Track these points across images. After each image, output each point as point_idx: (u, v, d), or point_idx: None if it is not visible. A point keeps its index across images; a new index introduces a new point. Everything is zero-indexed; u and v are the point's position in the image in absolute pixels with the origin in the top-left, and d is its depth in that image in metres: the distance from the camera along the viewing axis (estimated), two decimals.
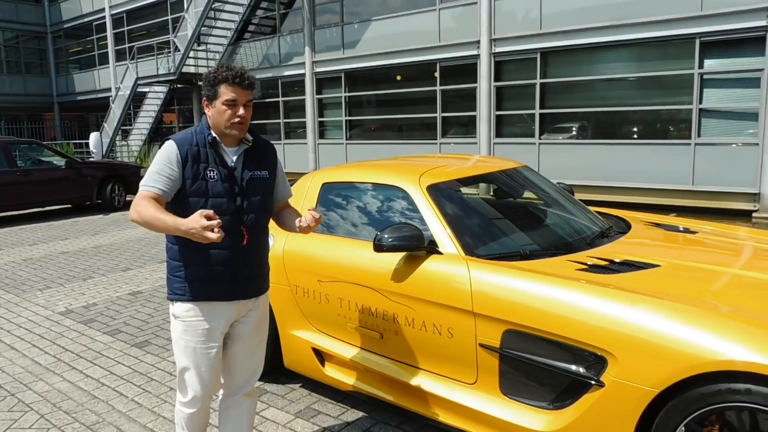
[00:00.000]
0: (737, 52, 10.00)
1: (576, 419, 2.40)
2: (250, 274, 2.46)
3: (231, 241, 2.36)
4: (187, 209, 2.29)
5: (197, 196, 2.33)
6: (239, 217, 2.39)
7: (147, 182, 2.33)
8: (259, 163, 2.49)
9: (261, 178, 2.48)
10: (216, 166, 2.37)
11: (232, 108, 2.33)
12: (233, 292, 2.41)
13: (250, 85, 2.36)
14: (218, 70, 2.34)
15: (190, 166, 2.33)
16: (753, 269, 2.84)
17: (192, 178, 2.33)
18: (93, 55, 25.63)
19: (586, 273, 2.70)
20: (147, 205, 2.24)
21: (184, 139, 2.37)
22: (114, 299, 5.78)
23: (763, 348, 2.02)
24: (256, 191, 2.45)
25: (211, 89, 2.35)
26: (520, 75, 12.45)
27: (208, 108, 2.39)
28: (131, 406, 3.53)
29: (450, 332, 2.78)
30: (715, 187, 10.20)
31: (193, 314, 2.38)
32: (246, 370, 2.57)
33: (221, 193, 2.36)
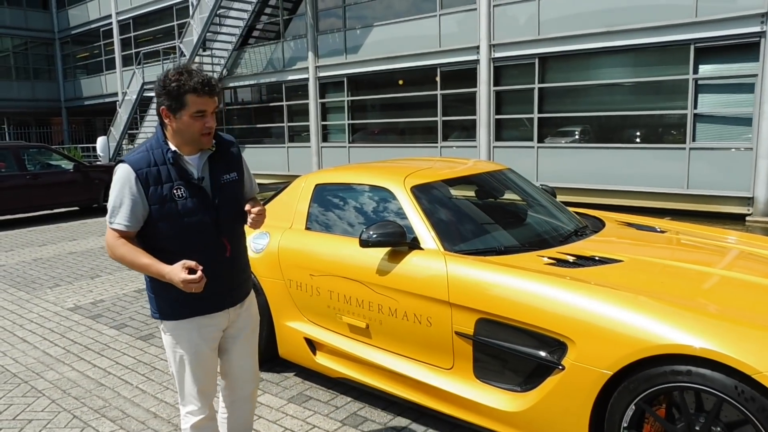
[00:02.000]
0: (731, 57, 10.19)
1: (540, 400, 2.62)
2: (236, 282, 2.39)
3: (214, 256, 2.25)
4: (160, 234, 2.18)
5: (168, 219, 2.17)
6: (218, 230, 2.26)
7: (111, 218, 2.18)
8: (227, 166, 2.34)
9: (232, 181, 2.34)
10: (181, 183, 2.19)
11: (201, 119, 2.15)
12: (221, 303, 2.34)
13: (218, 92, 2.19)
14: (180, 78, 2.09)
15: (154, 190, 2.15)
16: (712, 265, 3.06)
17: (159, 203, 2.15)
18: (100, 60, 26.03)
19: (553, 267, 2.92)
20: (121, 247, 2.14)
21: (140, 161, 2.16)
22: (120, 296, 6.03)
23: (701, 332, 2.24)
24: (230, 198, 2.32)
25: (175, 101, 2.12)
26: (518, 80, 12.68)
27: (170, 120, 2.16)
28: (136, 392, 3.76)
29: (429, 321, 3.01)
30: (710, 191, 10.37)
31: (183, 328, 2.29)
32: (247, 372, 2.53)
33: (194, 210, 2.20)
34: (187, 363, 2.33)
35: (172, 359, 2.36)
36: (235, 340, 2.47)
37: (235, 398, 2.56)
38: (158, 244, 2.20)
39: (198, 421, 2.39)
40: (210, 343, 2.37)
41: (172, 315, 2.29)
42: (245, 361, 2.52)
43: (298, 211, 3.91)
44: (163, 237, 2.19)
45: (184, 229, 2.19)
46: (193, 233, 2.21)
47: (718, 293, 2.67)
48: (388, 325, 3.20)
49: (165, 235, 2.19)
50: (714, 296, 2.62)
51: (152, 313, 2.35)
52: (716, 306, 2.47)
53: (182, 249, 2.18)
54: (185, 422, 2.41)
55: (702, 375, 2.20)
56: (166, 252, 2.18)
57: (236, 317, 2.44)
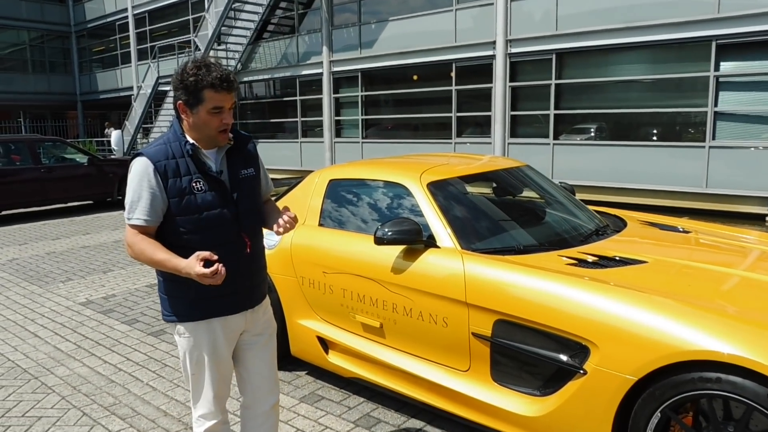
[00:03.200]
0: (754, 54, 9.97)
1: (560, 405, 2.53)
2: (253, 282, 2.30)
3: (233, 252, 2.18)
4: (179, 230, 2.12)
5: (188, 213, 2.11)
6: (238, 225, 2.20)
7: (131, 214, 2.11)
8: (245, 161, 2.29)
9: (249, 177, 2.29)
10: (201, 176, 2.14)
11: (218, 115, 2.10)
12: (239, 304, 2.25)
13: (236, 87, 2.13)
14: (198, 72, 2.05)
15: (173, 183, 2.10)
16: (740, 268, 2.95)
17: (178, 196, 2.10)
18: (116, 54, 26.13)
19: (575, 267, 2.83)
20: (140, 243, 2.08)
21: (158, 153, 2.11)
22: (132, 291, 6.00)
23: (732, 338, 2.14)
24: (248, 193, 2.27)
25: (192, 96, 2.07)
26: (535, 76, 12.52)
27: (187, 115, 2.12)
28: (146, 389, 3.72)
29: (445, 322, 2.93)
30: (729, 190, 10.18)
31: (199, 331, 2.21)
32: (268, 379, 2.40)
33: (214, 203, 2.15)
34: (202, 366, 2.25)
35: (187, 362, 2.27)
36: (252, 347, 2.37)
37: (257, 413, 2.41)
38: (177, 240, 2.13)
39: (212, 426, 2.32)
40: (227, 346, 2.28)
41: (188, 316, 2.20)
42: (264, 371, 2.39)
43: (312, 207, 3.84)
44: (182, 232, 2.12)
45: (204, 224, 2.13)
46: (212, 228, 2.15)
47: (748, 297, 2.56)
48: (403, 324, 3.12)
49: (184, 230, 2.12)
50: (744, 300, 2.51)
51: (165, 315, 2.26)
52: (747, 310, 2.37)
53: (202, 245, 2.11)
54: (198, 426, 2.33)
55: (732, 383, 2.11)
56: (186, 248, 2.10)
57: (253, 321, 2.35)
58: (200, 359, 2.24)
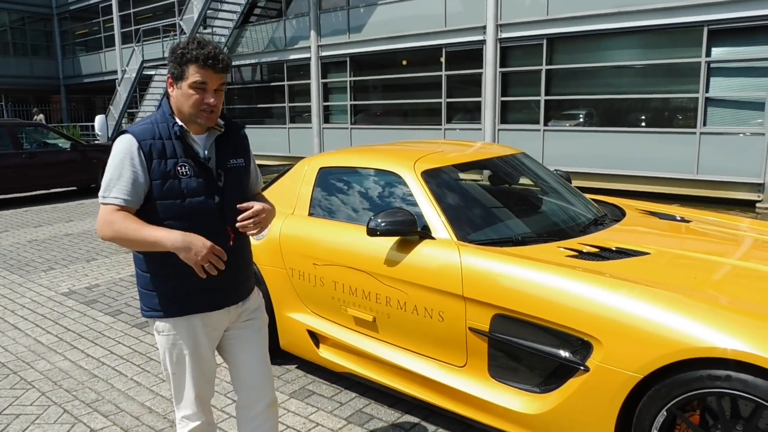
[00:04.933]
0: (745, 40, 9.91)
1: (561, 403, 2.44)
2: (239, 277, 2.19)
3: (216, 244, 2.01)
4: (159, 216, 2.00)
5: (170, 198, 2.00)
6: (222, 216, 2.08)
7: (107, 193, 1.98)
8: (234, 150, 2.18)
9: (238, 167, 2.18)
10: (186, 160, 2.04)
11: (200, 93, 1.99)
12: (223, 300, 2.15)
13: (225, 68, 2.01)
14: (188, 46, 1.98)
15: (157, 164, 1.99)
16: (743, 259, 2.86)
17: (161, 179, 1.99)
18: (99, 37, 25.62)
19: (576, 259, 2.73)
20: (120, 221, 1.94)
21: (144, 132, 2.02)
22: (116, 281, 5.85)
23: (743, 335, 2.05)
24: (235, 184, 2.15)
25: (179, 68, 1.99)
26: (526, 61, 12.39)
27: (172, 88, 2.04)
28: (130, 384, 3.59)
29: (441, 316, 2.82)
30: (720, 176, 10.16)
31: (179, 328, 2.10)
32: (262, 377, 2.28)
33: (198, 190, 2.04)
34: (182, 366, 2.13)
35: (168, 361, 2.15)
36: (240, 342, 2.25)
37: (253, 414, 2.28)
38: None
39: (196, 427, 2.21)
40: (209, 344, 2.17)
41: (168, 312, 2.08)
42: (255, 366, 2.27)
43: (301, 196, 3.71)
44: (161, 219, 2.00)
45: (186, 211, 2.02)
46: (194, 216, 2.03)
47: (757, 290, 2.47)
48: (397, 318, 3.01)
49: (164, 217, 2.00)
50: (753, 294, 2.42)
51: (144, 311, 2.13)
52: (756, 305, 2.28)
53: None
54: (182, 427, 2.22)
55: (743, 381, 2.02)
56: None
57: (237, 316, 2.24)
58: (180, 358, 2.13)
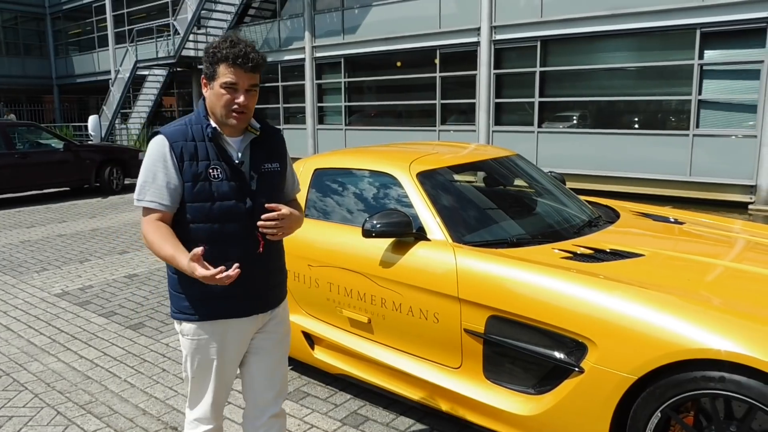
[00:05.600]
0: (738, 43, 9.98)
1: (556, 404, 2.45)
2: (268, 284, 2.14)
3: (245, 250, 2.02)
4: (189, 219, 1.99)
5: (201, 201, 1.97)
6: (252, 221, 2.02)
7: (142, 196, 1.98)
8: (269, 154, 2.13)
9: (272, 172, 2.12)
10: (219, 163, 2.00)
11: (231, 93, 1.96)
12: (251, 307, 2.09)
13: (255, 67, 1.96)
14: (219, 46, 1.95)
15: (189, 165, 1.96)
16: (736, 260, 2.88)
17: (192, 181, 1.97)
18: (92, 37, 25.52)
19: (570, 261, 2.73)
20: (151, 233, 1.95)
21: (176, 133, 2.00)
22: (110, 282, 5.83)
23: (737, 336, 2.06)
24: (268, 188, 2.09)
25: (210, 67, 1.97)
26: (520, 63, 12.43)
27: (206, 88, 2.02)
28: (124, 386, 3.58)
29: (436, 317, 2.82)
30: (712, 178, 10.22)
31: (204, 332, 2.06)
32: (271, 389, 2.23)
33: (228, 194, 2.00)
34: (203, 370, 2.10)
35: (189, 364, 2.11)
36: (259, 352, 2.19)
37: (256, 425, 2.23)
38: (184, 231, 1.99)
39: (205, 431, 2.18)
40: (235, 351, 2.13)
41: (195, 315, 2.05)
42: (269, 380, 2.22)
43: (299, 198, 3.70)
44: (189, 221, 1.98)
45: (215, 215, 1.99)
46: (223, 221, 2.00)
47: (751, 291, 2.49)
48: (392, 320, 3.02)
49: (192, 219, 1.98)
50: (746, 295, 2.44)
51: (172, 312, 2.12)
52: (750, 307, 2.29)
53: (212, 239, 1.99)
54: (191, 429, 2.18)
55: (737, 382, 2.03)
56: (192, 243, 1.96)
57: (263, 323, 2.18)
58: (202, 362, 2.09)
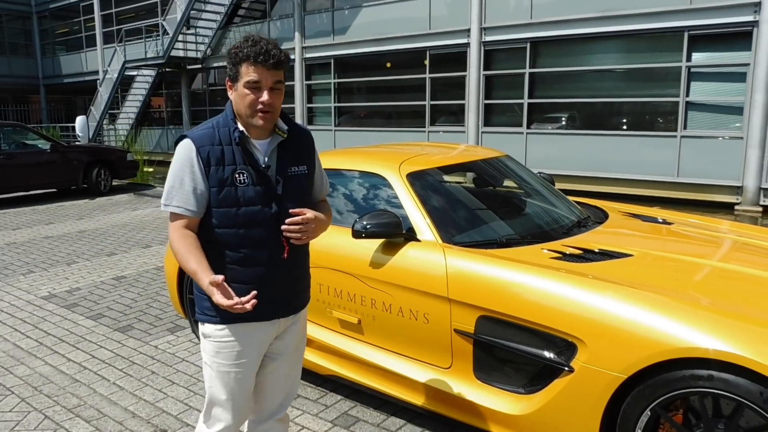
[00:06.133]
0: (725, 46, 10.08)
1: (546, 403, 2.46)
2: (294, 289, 2.12)
3: (269, 256, 2.01)
4: (212, 223, 1.97)
5: (226, 206, 1.95)
6: (277, 226, 1.99)
7: (169, 201, 1.97)
8: (297, 157, 2.09)
9: (299, 175, 2.08)
10: (245, 167, 1.97)
11: (255, 92, 1.92)
12: (273, 311, 2.07)
13: (278, 64, 1.93)
14: (241, 46, 1.95)
15: (215, 171, 1.94)
16: (724, 260, 2.91)
17: (218, 186, 1.94)
18: (80, 37, 25.33)
19: (560, 261, 2.75)
20: (177, 242, 1.95)
21: (203, 137, 1.97)
22: (98, 284, 5.78)
23: (725, 335, 2.08)
24: (295, 193, 2.05)
25: (233, 68, 1.95)
26: (509, 64, 12.48)
27: (231, 91, 1.99)
28: (113, 389, 3.55)
29: (426, 318, 2.82)
30: (700, 179, 10.31)
31: (227, 334, 2.03)
32: (280, 393, 2.24)
33: (254, 199, 1.97)
34: (225, 377, 2.06)
35: (209, 369, 2.09)
36: (275, 357, 2.17)
37: (263, 429, 2.25)
38: (209, 235, 1.99)
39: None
40: (255, 355, 2.09)
41: (218, 317, 2.02)
42: (280, 386, 2.22)
43: None
44: (214, 226, 1.97)
45: (241, 220, 1.97)
46: (249, 226, 1.98)
47: (738, 291, 2.51)
48: (382, 321, 3.01)
49: (217, 224, 1.97)
50: (734, 295, 2.46)
51: (197, 314, 2.11)
52: (737, 306, 2.31)
53: (237, 243, 1.98)
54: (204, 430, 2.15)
55: (725, 380, 2.05)
56: (215, 245, 1.98)
57: (285, 328, 2.16)
58: (223, 367, 2.06)
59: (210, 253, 1.96)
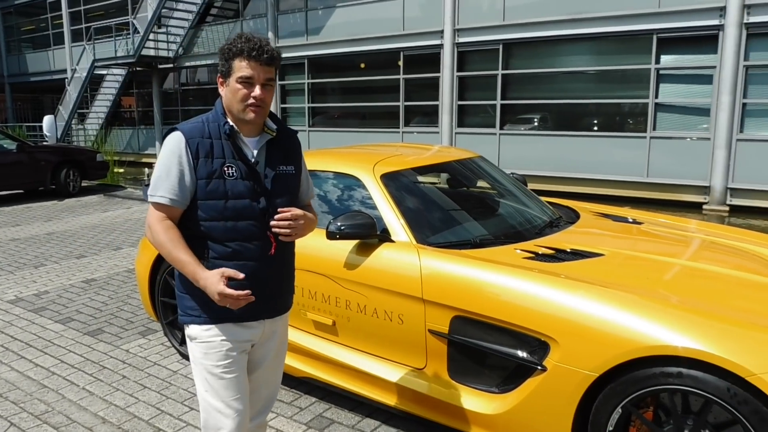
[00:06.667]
0: (692, 49, 10.30)
1: (520, 402, 2.48)
2: (279, 288, 2.12)
3: (257, 251, 2.01)
4: (199, 216, 1.97)
5: (214, 198, 1.96)
6: (265, 221, 2.01)
7: (155, 191, 1.96)
8: (285, 157, 2.11)
9: (287, 174, 2.10)
10: (235, 161, 1.99)
11: (248, 87, 1.94)
12: (260, 310, 2.06)
13: (271, 60, 1.95)
14: (234, 41, 1.96)
15: (204, 163, 1.95)
16: (692, 259, 2.97)
17: (207, 178, 1.95)
18: (47, 34, 24.76)
19: (533, 261, 2.77)
20: (162, 234, 1.94)
21: (193, 129, 1.99)
22: (67, 287, 5.66)
23: (693, 333, 2.12)
24: (283, 190, 2.07)
25: (225, 63, 1.97)
26: (482, 66, 12.57)
27: (222, 87, 2.01)
28: (82, 394, 3.48)
29: (401, 319, 2.83)
30: (669, 179, 10.51)
31: (215, 333, 2.01)
32: (260, 400, 2.23)
33: (243, 193, 1.98)
34: (217, 380, 2.02)
35: (200, 375, 2.05)
36: (255, 363, 2.16)
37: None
38: (195, 229, 1.99)
39: None
40: (242, 356, 2.07)
41: (202, 317, 2.02)
42: (262, 386, 2.22)
43: None
44: (202, 219, 1.97)
45: (229, 213, 1.97)
46: (236, 219, 1.98)
47: (705, 289, 2.57)
48: (357, 322, 3.01)
49: (205, 217, 1.97)
50: (702, 293, 2.51)
51: (180, 315, 2.09)
52: (706, 304, 2.36)
53: (224, 237, 1.98)
54: None
55: (693, 377, 2.09)
56: (202, 240, 1.98)
57: (269, 334, 2.15)
58: (212, 371, 2.02)
59: (195, 248, 1.96)
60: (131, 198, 11.55)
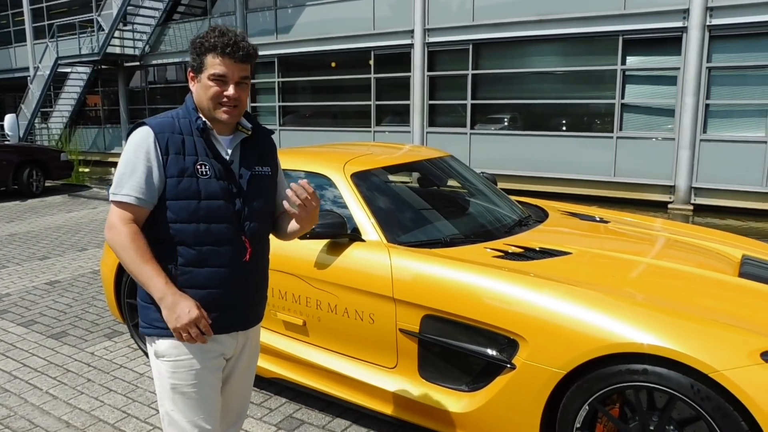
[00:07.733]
0: (657, 50, 10.50)
1: (489, 400, 2.50)
2: (253, 297, 1.99)
3: (231, 256, 1.87)
4: (171, 218, 1.82)
5: (185, 198, 1.81)
6: (240, 225, 1.89)
7: (119, 189, 1.80)
8: (260, 157, 1.99)
9: (263, 175, 1.97)
10: (208, 159, 1.85)
11: (220, 85, 1.81)
12: (233, 321, 1.93)
13: (246, 57, 1.82)
14: (207, 35, 1.82)
15: (174, 159, 1.81)
16: (657, 257, 3.02)
17: (177, 176, 1.80)
18: (8, 31, 24.11)
19: (502, 260, 2.80)
20: (126, 237, 1.76)
21: (162, 125, 1.84)
22: (29, 289, 5.52)
23: (658, 330, 2.16)
24: (258, 192, 1.95)
25: (197, 58, 1.83)
26: (452, 65, 12.63)
27: (193, 82, 1.87)
28: (46, 398, 3.40)
29: (371, 318, 2.82)
30: (635, 179, 10.70)
31: (183, 351, 1.85)
32: (231, 414, 2.13)
33: (217, 193, 1.84)
34: (184, 399, 1.88)
35: (164, 392, 1.90)
36: (233, 372, 2.05)
37: None
38: (162, 232, 1.83)
39: None
40: (214, 373, 1.92)
41: (167, 331, 1.82)
42: (234, 399, 2.11)
43: None
44: (171, 221, 1.82)
45: (201, 214, 1.82)
46: (209, 221, 1.84)
47: (670, 287, 2.62)
48: (328, 322, 2.99)
49: (174, 219, 1.81)
50: (666, 291, 2.56)
51: (142, 327, 1.90)
52: (670, 302, 2.41)
53: (195, 241, 1.83)
54: None
55: (658, 374, 2.13)
56: (170, 244, 1.83)
57: (242, 345, 2.03)
58: (178, 389, 1.88)
59: (161, 254, 1.81)
60: (97, 198, 11.32)
